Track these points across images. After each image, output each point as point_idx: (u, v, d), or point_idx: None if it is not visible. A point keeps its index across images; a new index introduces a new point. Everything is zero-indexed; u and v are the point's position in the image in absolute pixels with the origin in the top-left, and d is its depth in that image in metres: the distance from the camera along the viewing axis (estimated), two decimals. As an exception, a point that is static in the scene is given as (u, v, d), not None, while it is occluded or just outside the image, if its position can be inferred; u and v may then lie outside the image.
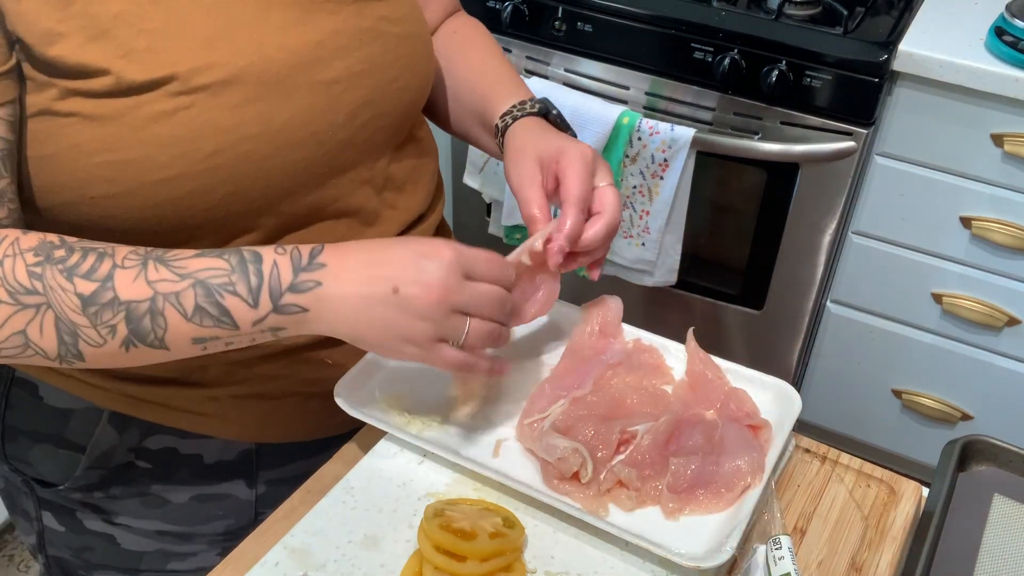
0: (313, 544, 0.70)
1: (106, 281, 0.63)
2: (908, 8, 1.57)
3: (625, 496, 0.73)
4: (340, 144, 0.74)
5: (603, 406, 0.79)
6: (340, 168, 0.76)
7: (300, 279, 0.65)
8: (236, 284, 0.64)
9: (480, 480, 0.75)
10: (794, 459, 0.81)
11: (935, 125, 1.50)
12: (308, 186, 0.74)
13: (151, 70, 0.64)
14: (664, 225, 1.66)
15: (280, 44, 0.69)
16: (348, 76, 0.73)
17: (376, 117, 0.77)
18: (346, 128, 0.74)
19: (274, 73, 0.69)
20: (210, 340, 0.65)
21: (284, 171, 0.71)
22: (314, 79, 0.71)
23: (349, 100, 0.74)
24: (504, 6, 1.65)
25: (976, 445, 0.76)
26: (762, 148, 1.57)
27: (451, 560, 0.65)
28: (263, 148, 0.69)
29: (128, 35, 0.64)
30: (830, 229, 1.63)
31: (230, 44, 0.67)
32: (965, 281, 1.62)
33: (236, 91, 0.67)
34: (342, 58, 0.73)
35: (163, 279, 0.64)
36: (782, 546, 0.67)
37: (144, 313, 0.63)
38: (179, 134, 0.65)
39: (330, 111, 0.72)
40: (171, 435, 0.82)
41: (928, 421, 1.80)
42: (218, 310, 0.64)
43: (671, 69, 1.61)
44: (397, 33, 0.77)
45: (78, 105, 0.64)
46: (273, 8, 0.70)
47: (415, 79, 0.80)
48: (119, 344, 0.64)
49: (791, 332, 1.79)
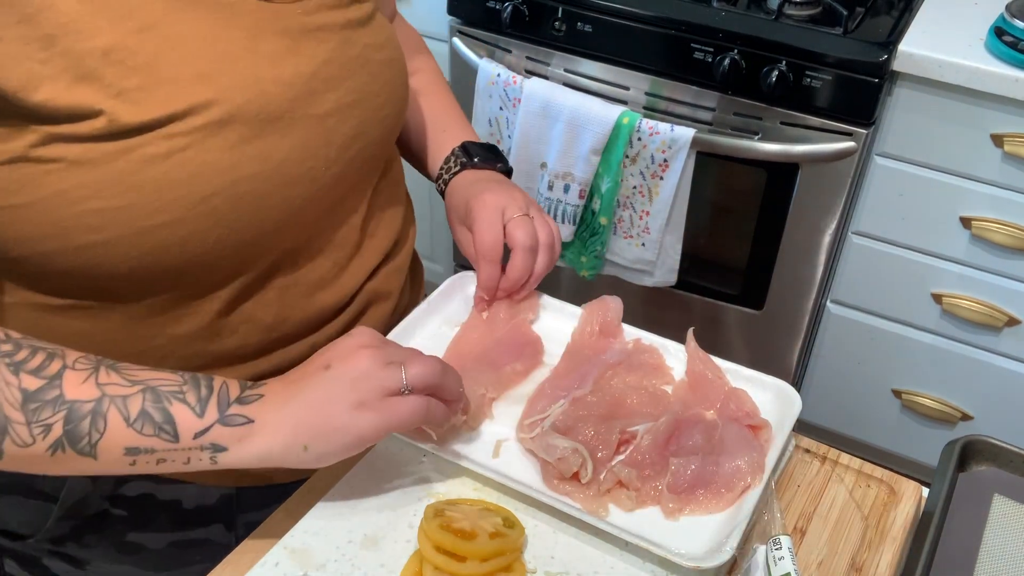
0: (313, 544, 0.70)
1: (54, 379, 0.60)
2: (908, 8, 1.57)
3: (625, 496, 0.73)
4: (334, 178, 0.73)
5: (603, 406, 0.79)
6: (332, 203, 0.75)
7: (245, 394, 0.65)
8: (186, 394, 0.63)
9: (480, 480, 0.75)
10: (794, 459, 0.81)
11: (935, 125, 1.50)
12: (301, 224, 0.72)
13: (146, 111, 0.61)
14: (664, 225, 1.66)
15: (276, 77, 0.67)
16: (339, 108, 0.72)
17: (365, 148, 0.75)
18: (339, 162, 0.73)
19: (273, 109, 0.66)
20: (143, 453, 0.62)
21: (280, 210, 0.69)
22: (309, 113, 0.69)
23: (341, 133, 0.72)
24: (504, 6, 1.65)
25: (976, 445, 0.76)
26: (762, 148, 1.57)
27: (451, 560, 0.65)
28: (260, 188, 0.67)
29: (118, 73, 0.60)
30: (830, 229, 1.63)
31: (227, 79, 0.64)
32: (965, 281, 1.62)
33: (234, 130, 0.64)
34: (334, 89, 0.71)
35: (113, 383, 0.62)
36: (782, 546, 0.67)
37: (86, 415, 0.61)
38: (175, 177, 0.63)
39: (325, 145, 0.71)
40: (148, 481, 0.80)
41: (928, 421, 1.80)
42: (162, 416, 0.62)
43: (671, 69, 1.61)
44: (380, 60, 0.76)
45: (62, 150, 0.60)
46: (263, 37, 0.67)
47: (397, 106, 0.79)
48: (47, 447, 0.60)
49: (791, 332, 1.79)
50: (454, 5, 1.73)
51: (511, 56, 1.72)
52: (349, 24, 0.73)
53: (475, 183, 0.88)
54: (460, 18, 1.75)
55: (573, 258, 1.78)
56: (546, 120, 1.64)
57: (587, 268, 1.78)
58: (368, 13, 0.76)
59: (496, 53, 1.73)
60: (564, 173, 1.66)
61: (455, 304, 0.90)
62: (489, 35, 1.73)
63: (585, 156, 1.62)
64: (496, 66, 1.68)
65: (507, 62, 1.72)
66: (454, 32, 1.75)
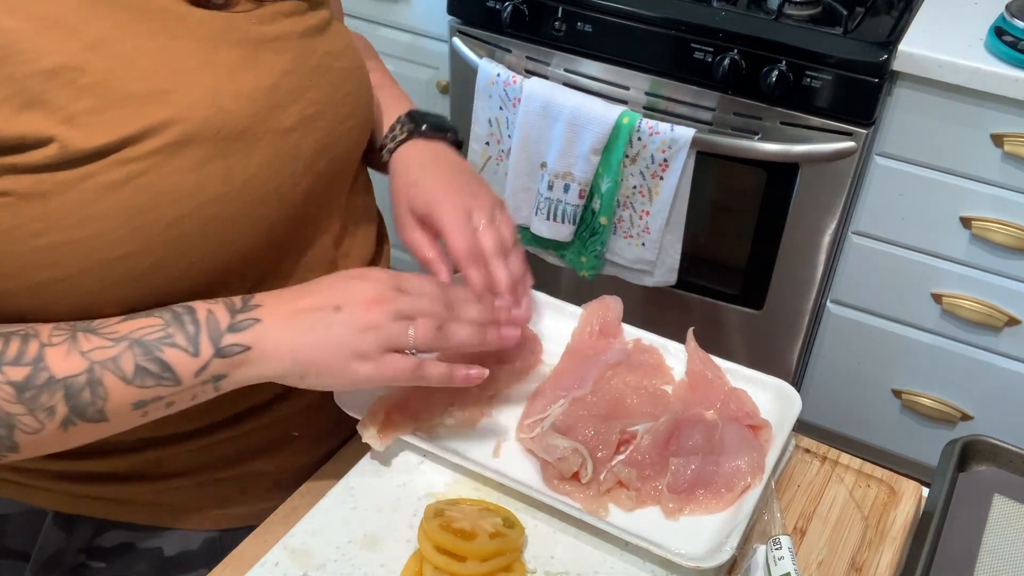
0: (313, 544, 0.70)
1: (38, 362, 0.59)
2: (908, 8, 1.57)
3: (625, 496, 0.73)
4: (302, 195, 0.69)
5: (603, 406, 0.79)
6: (302, 222, 0.71)
7: (238, 319, 0.64)
8: (174, 336, 0.62)
9: (480, 480, 0.75)
10: (794, 459, 0.81)
11: (935, 125, 1.50)
12: (272, 245, 0.69)
13: (99, 135, 0.57)
14: (664, 225, 1.66)
15: (235, 92, 0.63)
16: (303, 121, 0.68)
17: (332, 161, 0.72)
18: (307, 177, 0.69)
19: (234, 125, 0.63)
20: (151, 402, 0.62)
21: (250, 232, 0.66)
22: (272, 128, 0.65)
23: (307, 147, 0.69)
24: (504, 6, 1.65)
25: (976, 445, 0.76)
26: (762, 148, 1.57)
27: (451, 560, 0.65)
28: (228, 210, 0.63)
29: (67, 96, 0.56)
30: (830, 229, 1.63)
31: (183, 96, 0.60)
32: (965, 281, 1.62)
33: (195, 150, 0.60)
34: (295, 101, 0.67)
35: (96, 347, 0.60)
36: (782, 546, 0.67)
37: (83, 386, 0.59)
38: (135, 205, 0.58)
39: (291, 161, 0.67)
40: (127, 530, 0.77)
41: (928, 421, 1.80)
42: (159, 366, 0.61)
43: (671, 69, 1.61)
44: (341, 68, 0.73)
45: (11, 183, 0.56)
46: (219, 49, 0.63)
47: (362, 114, 0.76)
48: (57, 425, 0.60)
49: (791, 332, 1.79)
50: (454, 5, 1.73)
51: (511, 56, 1.72)
52: (307, 32, 0.70)
53: (426, 166, 0.83)
54: (460, 18, 1.75)
55: (573, 258, 1.78)
56: (546, 120, 1.64)
57: (587, 268, 1.77)
58: (325, 20, 0.73)
59: (496, 53, 1.73)
60: (564, 173, 1.66)
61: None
62: (489, 35, 1.73)
63: (585, 156, 1.62)
64: (496, 66, 1.68)
65: (507, 62, 1.72)
66: (454, 32, 1.75)
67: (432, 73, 1.91)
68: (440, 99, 1.92)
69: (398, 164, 0.84)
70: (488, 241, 0.79)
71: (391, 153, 0.84)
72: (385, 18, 1.88)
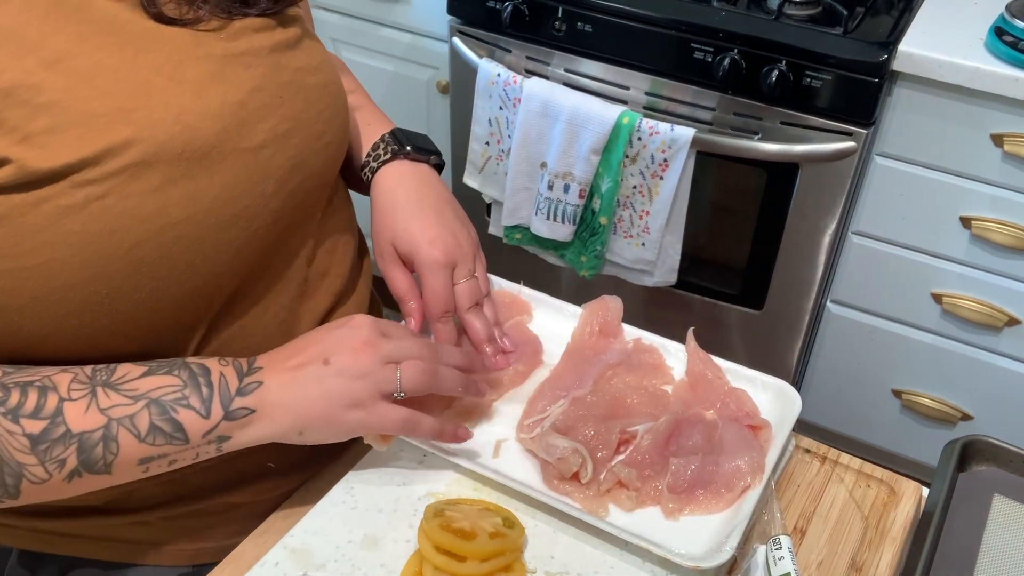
0: (313, 544, 0.70)
1: (55, 416, 0.58)
2: (908, 8, 1.57)
3: (625, 496, 0.73)
4: (273, 215, 0.67)
5: (603, 406, 0.79)
6: (274, 243, 0.69)
7: (245, 383, 0.65)
8: (189, 397, 0.62)
9: (480, 480, 0.75)
10: (794, 459, 0.81)
11: (935, 125, 1.50)
12: (241, 269, 0.67)
13: (56, 155, 0.55)
14: (664, 225, 1.66)
15: (201, 110, 0.61)
16: (274, 138, 0.66)
17: (306, 180, 0.70)
18: (278, 196, 0.67)
19: (199, 144, 0.60)
20: (156, 459, 0.62)
21: (217, 255, 0.63)
22: (241, 146, 0.63)
23: (278, 165, 0.66)
24: (504, 6, 1.65)
25: (976, 445, 0.76)
26: (762, 148, 1.57)
27: (451, 560, 0.65)
28: (192, 233, 0.61)
29: (23, 115, 0.54)
30: (830, 229, 1.63)
31: (146, 114, 0.58)
32: (965, 281, 1.62)
33: (158, 171, 0.58)
34: (266, 119, 0.65)
35: (116, 404, 0.60)
36: (782, 546, 0.67)
37: (97, 442, 0.60)
38: (94, 229, 0.56)
39: (261, 180, 0.65)
40: (95, 568, 0.76)
41: (928, 421, 1.80)
42: (172, 426, 0.62)
43: (671, 69, 1.61)
44: (315, 84, 0.71)
45: None
46: (186, 65, 0.61)
47: (338, 131, 0.74)
48: (64, 477, 0.60)
49: (791, 332, 1.78)
50: (454, 5, 1.73)
51: (511, 56, 1.72)
52: (278, 47, 0.68)
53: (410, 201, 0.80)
54: (460, 18, 1.75)
55: (573, 258, 1.78)
56: (546, 120, 1.64)
57: (587, 268, 1.77)
58: (296, 35, 0.71)
59: (496, 53, 1.73)
60: (564, 173, 1.66)
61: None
62: (489, 35, 1.73)
63: (585, 156, 1.62)
64: (496, 66, 1.68)
65: (507, 62, 1.72)
66: (454, 32, 1.75)
67: (432, 73, 1.91)
68: (440, 99, 1.92)
69: (381, 188, 0.82)
70: (464, 298, 0.79)
71: (373, 172, 0.83)
72: (385, 18, 1.88)
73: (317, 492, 0.75)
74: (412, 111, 1.99)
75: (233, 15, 0.66)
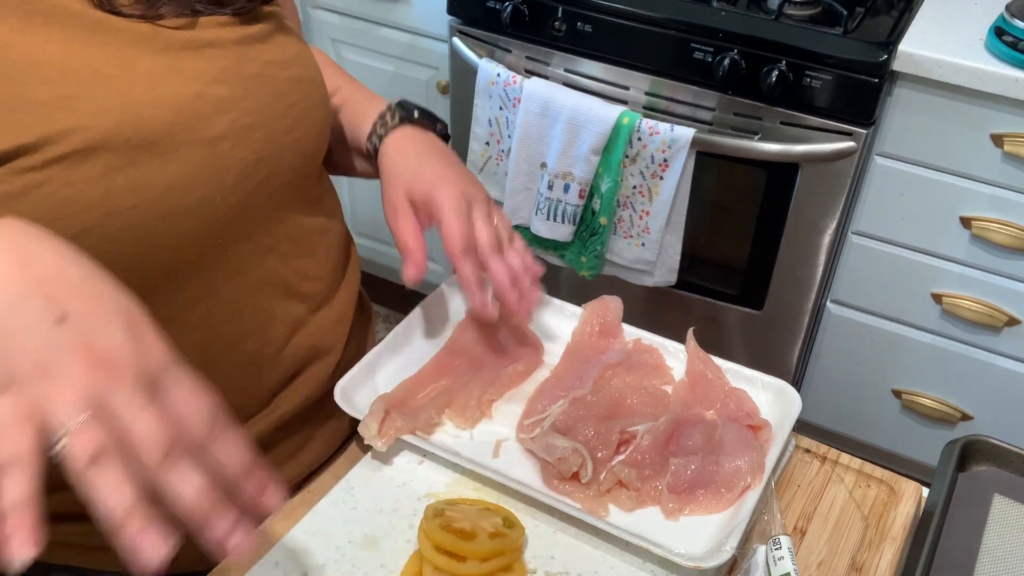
0: (313, 544, 0.70)
1: None
2: (908, 8, 1.57)
3: (625, 496, 0.73)
4: (233, 209, 0.65)
5: (603, 406, 0.79)
6: (236, 237, 0.67)
7: None
8: None
9: (480, 480, 0.75)
10: (794, 459, 0.81)
11: (935, 125, 1.50)
12: (200, 261, 0.65)
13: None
14: (664, 225, 1.66)
15: (152, 100, 0.60)
16: (235, 131, 0.65)
17: (274, 176, 0.69)
18: (238, 190, 0.66)
19: (147, 134, 0.59)
20: None
21: (168, 246, 0.62)
22: (195, 138, 0.62)
23: (239, 159, 0.65)
24: (504, 6, 1.65)
25: (976, 445, 0.76)
26: (762, 148, 1.57)
27: (451, 560, 0.65)
28: (139, 222, 0.59)
29: None
30: (830, 229, 1.63)
31: (92, 103, 0.57)
32: (965, 281, 1.62)
33: (102, 158, 0.57)
34: (226, 111, 0.64)
35: None
36: (782, 546, 0.67)
37: None
38: (36, 216, 0.53)
39: (218, 172, 0.64)
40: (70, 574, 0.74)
41: (928, 421, 1.80)
42: None
43: (671, 69, 1.61)
44: (287, 77, 0.69)
45: None
46: (141, 56, 0.60)
47: (312, 128, 0.72)
48: None
49: (791, 332, 1.78)
50: (454, 5, 1.73)
51: (511, 56, 1.72)
52: (245, 40, 0.67)
53: (422, 158, 0.80)
54: (460, 18, 1.75)
55: (573, 258, 1.78)
56: (546, 120, 1.64)
57: (587, 268, 1.77)
58: (268, 29, 0.69)
59: (496, 53, 1.73)
60: (564, 173, 1.66)
61: (455, 305, 0.90)
62: (489, 35, 1.73)
63: (585, 156, 1.62)
64: (496, 66, 1.68)
65: (507, 62, 1.72)
66: (454, 32, 1.75)
67: (432, 73, 1.91)
68: (440, 99, 1.92)
69: (391, 149, 0.81)
70: (484, 236, 0.77)
71: (381, 139, 0.82)
72: (385, 18, 1.88)
73: (317, 492, 0.75)
74: (412, 111, 1.98)
75: (200, 14, 0.65)
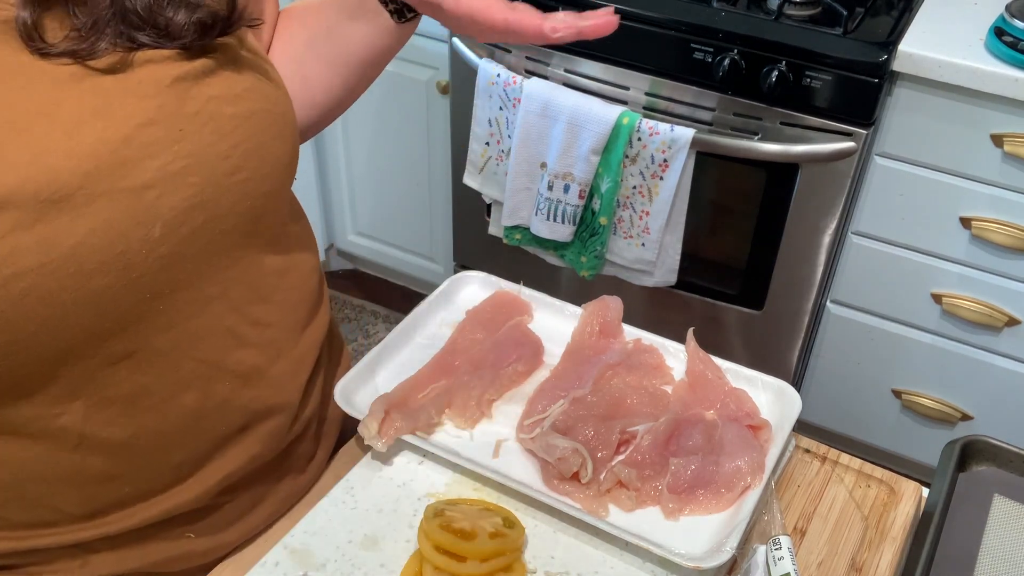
0: (313, 544, 0.70)
1: None
2: (908, 8, 1.57)
3: (625, 496, 0.73)
4: (160, 262, 0.60)
5: (603, 406, 0.79)
6: (170, 288, 0.61)
7: None
8: None
9: (480, 480, 0.75)
10: (794, 459, 0.81)
11: (935, 125, 1.50)
12: (124, 317, 0.59)
13: None
14: (664, 225, 1.66)
15: (69, 149, 0.55)
16: (164, 177, 0.59)
17: (212, 220, 0.62)
18: (167, 241, 0.60)
19: (58, 187, 0.54)
20: None
21: (83, 304, 0.56)
22: (116, 187, 0.56)
23: (169, 206, 0.59)
24: (504, 6, 1.65)
25: (976, 445, 0.76)
26: (762, 148, 1.57)
27: (451, 560, 0.65)
28: (46, 283, 0.54)
29: None
30: (830, 229, 1.63)
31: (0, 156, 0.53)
32: (965, 281, 1.62)
33: (7, 216, 0.52)
34: (155, 156, 0.58)
35: None
36: (782, 546, 0.67)
37: None
38: None
39: (141, 224, 0.58)
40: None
41: (928, 421, 1.80)
42: None
43: (671, 69, 1.61)
44: (233, 114, 0.63)
45: None
46: (65, 100, 0.56)
47: (265, 166, 0.65)
48: None
49: (791, 332, 1.78)
50: (454, 5, 1.73)
51: (511, 56, 1.72)
52: (185, 76, 0.61)
53: None
54: (460, 18, 1.75)
55: (573, 258, 1.78)
56: (546, 120, 1.64)
57: (587, 268, 1.77)
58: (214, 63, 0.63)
59: (496, 53, 1.73)
60: (564, 173, 1.66)
61: (455, 305, 0.91)
62: (489, 35, 1.73)
63: (585, 156, 1.62)
64: (496, 66, 1.68)
65: (507, 62, 1.72)
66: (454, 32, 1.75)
67: (432, 73, 1.91)
68: (440, 99, 1.92)
69: None
70: None
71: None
72: (385, 18, 1.88)
73: (317, 492, 0.75)
74: (412, 111, 1.99)
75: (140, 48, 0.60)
